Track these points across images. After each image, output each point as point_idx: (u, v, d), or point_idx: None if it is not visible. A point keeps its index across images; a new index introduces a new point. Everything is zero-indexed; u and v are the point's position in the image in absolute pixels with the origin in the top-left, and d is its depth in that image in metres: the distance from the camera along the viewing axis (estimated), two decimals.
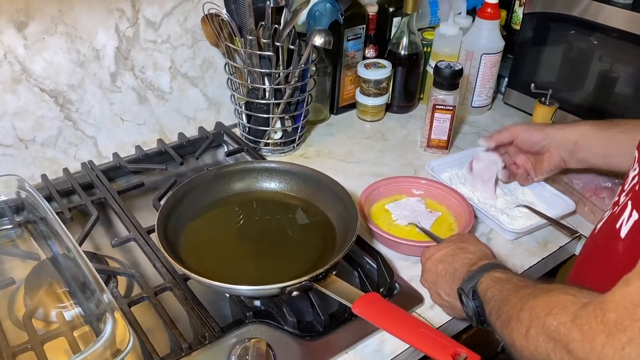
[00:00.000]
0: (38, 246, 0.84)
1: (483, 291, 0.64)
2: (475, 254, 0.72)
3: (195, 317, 0.73)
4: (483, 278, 0.66)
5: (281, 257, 0.82)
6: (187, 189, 0.86)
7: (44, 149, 1.00)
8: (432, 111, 1.11)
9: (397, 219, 0.92)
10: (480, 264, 0.69)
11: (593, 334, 0.47)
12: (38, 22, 0.90)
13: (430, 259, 0.75)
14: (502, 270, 0.67)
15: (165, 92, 1.10)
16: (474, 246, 0.73)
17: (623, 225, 0.62)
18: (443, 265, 0.73)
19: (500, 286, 0.62)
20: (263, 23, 0.99)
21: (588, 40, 1.16)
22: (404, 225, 0.91)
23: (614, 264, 0.62)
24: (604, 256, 0.66)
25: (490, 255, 0.73)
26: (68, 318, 0.74)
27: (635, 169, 0.65)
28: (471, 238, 0.77)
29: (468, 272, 0.68)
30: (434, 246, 0.78)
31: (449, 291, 0.72)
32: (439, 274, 0.73)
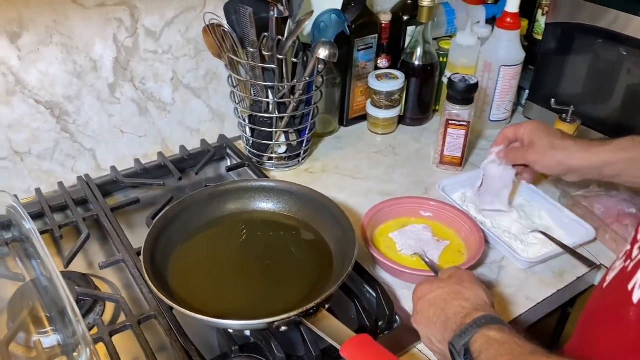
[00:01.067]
0: (23, 267, 0.81)
1: (476, 352, 0.57)
2: (470, 302, 0.65)
3: (179, 349, 0.69)
4: (477, 336, 0.59)
5: (274, 284, 0.77)
6: (179, 210, 0.82)
7: (40, 162, 0.98)
8: (445, 126, 1.05)
9: (402, 249, 0.86)
10: (474, 316, 0.61)
11: None
12: (32, 33, 0.87)
13: (421, 299, 0.68)
14: (498, 327, 0.59)
15: (167, 103, 1.06)
16: (469, 291, 0.66)
17: (636, 288, 0.56)
18: (435, 310, 0.66)
19: (495, 350, 0.55)
20: (266, 34, 0.95)
21: (615, 53, 1.08)
22: (409, 255, 0.85)
23: (625, 331, 0.56)
24: (613, 319, 0.60)
25: (487, 302, 0.65)
26: (46, 345, 0.71)
27: None
28: (468, 279, 0.69)
29: (461, 324, 0.61)
30: (427, 283, 0.70)
31: (440, 339, 0.65)
32: (430, 319, 0.66)
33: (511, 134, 0.90)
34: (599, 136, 1.12)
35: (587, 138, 0.94)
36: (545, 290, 0.84)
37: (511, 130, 0.90)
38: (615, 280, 0.63)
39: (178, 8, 0.99)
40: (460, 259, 0.85)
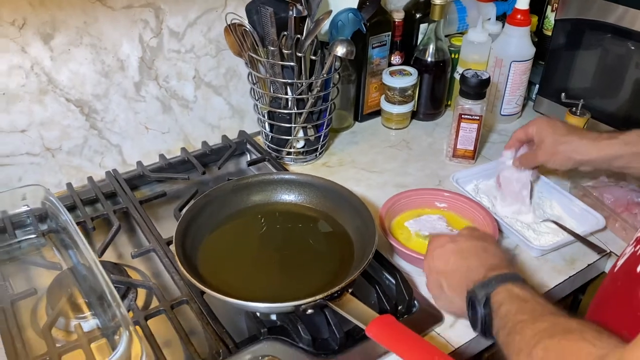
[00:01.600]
0: (60, 256, 0.85)
1: (497, 303, 0.60)
2: (497, 258, 0.68)
3: (210, 332, 0.73)
4: (500, 288, 0.62)
5: (298, 271, 0.81)
6: (206, 201, 0.86)
7: (70, 158, 1.02)
8: (458, 121, 1.08)
9: (420, 229, 0.90)
10: (500, 271, 0.64)
11: None
12: (64, 34, 0.92)
13: (443, 247, 0.72)
14: (522, 285, 0.62)
15: (190, 101, 1.10)
16: (495, 248, 0.69)
17: None
18: (456, 259, 0.69)
19: (517, 305, 0.59)
20: (285, 33, 0.98)
21: (624, 47, 1.11)
22: (425, 235, 0.89)
23: (633, 309, 0.58)
24: (623, 300, 0.62)
25: (512, 263, 0.70)
26: (86, 329, 0.75)
27: None
28: (492, 239, 0.73)
29: (485, 276, 0.64)
30: (447, 236, 0.74)
31: (455, 286, 0.68)
32: (449, 266, 0.69)
33: (522, 135, 0.94)
34: (608, 129, 1.15)
35: (595, 130, 0.97)
36: (557, 277, 0.87)
37: (521, 132, 0.94)
38: (625, 264, 0.65)
39: (200, 9, 1.03)
40: None
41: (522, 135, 0.94)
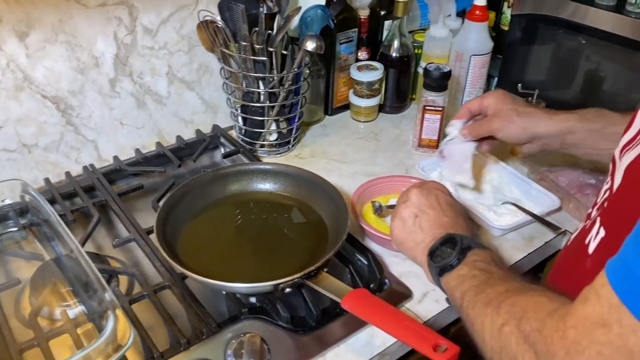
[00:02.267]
0: (42, 247, 0.87)
1: (474, 256, 0.67)
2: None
3: (193, 313, 0.77)
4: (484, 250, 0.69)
5: (275, 255, 0.85)
6: (185, 191, 0.89)
7: (46, 153, 1.04)
8: (422, 112, 1.14)
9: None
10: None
11: (555, 349, 0.48)
12: (39, 32, 0.93)
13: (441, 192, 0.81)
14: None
15: (163, 96, 1.13)
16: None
17: (591, 241, 0.61)
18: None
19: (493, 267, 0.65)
20: (257, 29, 1.02)
21: (575, 41, 1.19)
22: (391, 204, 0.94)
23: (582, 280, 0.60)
24: (574, 271, 0.66)
25: None
26: (72, 316, 0.78)
27: (607, 181, 0.63)
28: None
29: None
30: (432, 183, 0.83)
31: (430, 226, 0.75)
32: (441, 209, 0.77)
33: (475, 107, 0.92)
34: None
35: None
36: (516, 254, 0.93)
37: (475, 103, 0.92)
38: (576, 238, 0.70)
39: (173, 6, 1.06)
40: None
41: (475, 107, 0.92)
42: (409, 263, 0.90)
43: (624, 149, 0.59)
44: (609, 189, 0.62)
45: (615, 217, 0.59)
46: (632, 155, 0.56)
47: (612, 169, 0.62)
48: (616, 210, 0.59)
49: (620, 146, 0.60)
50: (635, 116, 0.60)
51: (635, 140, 0.57)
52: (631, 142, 0.58)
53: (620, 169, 0.58)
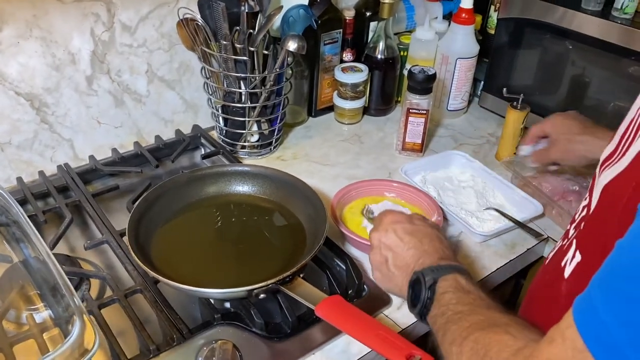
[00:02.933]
0: (10, 249, 0.84)
1: (442, 289, 0.64)
2: (449, 250, 0.72)
3: (164, 319, 0.75)
4: (448, 276, 0.66)
5: (251, 260, 0.83)
6: (160, 193, 0.87)
7: (20, 152, 1.01)
8: (406, 115, 1.12)
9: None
10: (451, 262, 0.68)
11: None
12: (12, 27, 0.91)
13: (400, 224, 0.74)
14: (467, 278, 0.66)
15: (142, 95, 1.11)
16: (447, 241, 0.74)
17: (567, 264, 0.60)
18: (411, 238, 0.72)
19: (459, 296, 0.62)
20: (238, 28, 1.00)
21: (561, 46, 1.18)
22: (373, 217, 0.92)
23: (557, 303, 0.60)
24: (550, 293, 0.64)
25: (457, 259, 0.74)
26: (38, 320, 0.75)
27: (586, 197, 0.61)
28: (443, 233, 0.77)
29: (436, 262, 0.68)
30: (403, 215, 0.77)
31: (401, 265, 0.71)
32: (403, 244, 0.72)
33: (538, 132, 0.99)
34: None
35: None
36: (499, 261, 0.92)
37: (537, 129, 0.99)
38: (553, 257, 0.67)
39: (152, 3, 1.03)
40: None
41: (538, 132, 0.99)
42: None
43: (603, 164, 0.57)
44: (586, 206, 0.60)
45: (590, 241, 0.57)
46: (610, 174, 0.54)
47: (592, 184, 0.60)
48: (591, 234, 0.57)
49: (601, 160, 0.59)
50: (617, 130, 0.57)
51: (613, 156, 0.55)
52: (610, 157, 0.56)
53: (598, 187, 0.56)
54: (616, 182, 0.52)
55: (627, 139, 0.53)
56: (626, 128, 0.54)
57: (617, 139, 0.55)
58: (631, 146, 0.51)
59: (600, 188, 0.55)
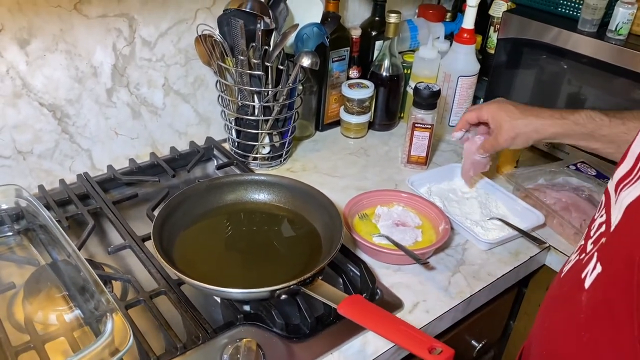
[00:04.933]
0: (37, 252, 0.87)
1: None
2: None
3: (189, 319, 0.78)
4: None
5: (270, 264, 0.87)
6: (181, 199, 0.90)
7: (40, 161, 1.04)
8: (411, 129, 1.17)
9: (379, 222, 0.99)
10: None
11: None
12: (40, 40, 0.95)
13: None
14: None
15: (159, 107, 1.15)
16: None
17: (588, 276, 0.61)
18: None
19: None
20: (254, 44, 1.05)
21: (558, 65, 1.23)
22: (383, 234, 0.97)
23: (578, 313, 0.61)
24: (569, 303, 0.65)
25: None
26: (68, 320, 0.78)
27: (602, 214, 0.63)
28: None
29: None
30: None
31: None
32: None
33: (473, 118, 0.99)
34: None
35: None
36: (503, 268, 0.96)
37: (473, 115, 0.99)
38: (570, 271, 0.69)
39: (171, 20, 1.08)
40: (432, 239, 0.97)
41: (473, 118, 0.99)
42: (400, 274, 0.92)
43: (620, 183, 0.60)
44: (604, 223, 0.61)
45: (613, 254, 0.59)
46: (633, 193, 0.55)
47: (607, 202, 0.62)
48: (614, 248, 0.59)
49: (615, 180, 0.61)
50: (629, 149, 0.60)
51: (632, 175, 0.57)
52: (627, 176, 0.58)
53: (620, 206, 0.58)
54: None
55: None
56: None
57: (632, 159, 0.59)
58: None
59: (622, 207, 0.57)
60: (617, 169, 0.62)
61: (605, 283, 0.58)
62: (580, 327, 0.61)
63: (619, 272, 0.50)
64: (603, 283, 0.59)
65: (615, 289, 0.55)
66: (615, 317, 0.55)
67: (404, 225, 0.99)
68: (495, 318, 1.10)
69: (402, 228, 0.98)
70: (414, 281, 0.92)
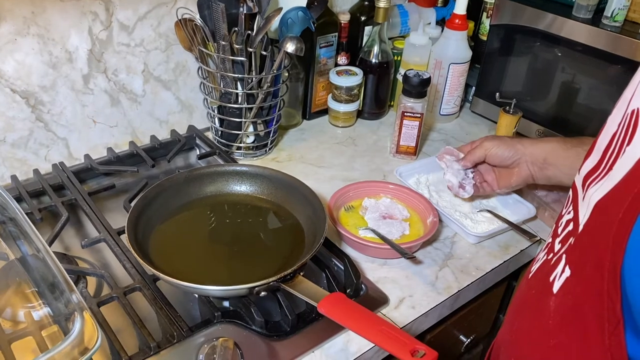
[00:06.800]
0: (7, 246, 0.83)
1: None
2: None
3: (164, 316, 0.75)
4: None
5: (250, 259, 0.84)
6: (158, 191, 0.87)
7: (14, 150, 1.00)
8: (401, 118, 1.14)
9: (367, 214, 0.96)
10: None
11: None
12: (10, 23, 0.90)
13: None
14: None
15: (138, 95, 1.11)
16: None
17: (556, 280, 0.58)
18: None
19: None
20: (236, 29, 1.01)
21: (552, 52, 1.20)
22: (370, 227, 0.93)
23: (545, 318, 0.59)
24: (536, 307, 0.63)
25: None
26: (36, 318, 0.74)
27: (570, 211, 0.60)
28: None
29: None
30: None
31: None
32: None
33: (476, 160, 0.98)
34: (538, 128, 1.24)
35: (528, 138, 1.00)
36: (492, 262, 0.93)
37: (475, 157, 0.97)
38: (538, 271, 0.66)
39: (151, 3, 1.03)
40: (419, 232, 0.94)
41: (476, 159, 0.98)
42: (386, 269, 0.89)
43: (587, 178, 0.57)
44: (571, 220, 0.59)
45: (581, 258, 0.55)
46: (601, 190, 0.52)
47: (574, 198, 0.60)
48: (583, 250, 0.56)
49: (582, 174, 0.58)
50: (595, 143, 0.57)
51: (599, 170, 0.54)
52: (594, 171, 0.55)
53: (587, 203, 0.55)
54: (609, 198, 0.51)
55: (612, 154, 0.53)
56: (609, 142, 0.54)
57: (598, 153, 0.55)
58: (617, 161, 0.51)
59: (590, 204, 0.54)
60: (584, 162, 0.59)
61: (574, 288, 0.55)
62: (548, 333, 0.58)
63: (589, 277, 0.47)
64: (572, 288, 0.55)
65: (584, 295, 0.52)
66: (585, 324, 0.52)
67: (391, 218, 0.96)
68: (485, 312, 1.08)
69: (390, 221, 0.95)
70: (401, 276, 0.89)
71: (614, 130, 0.53)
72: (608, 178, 0.52)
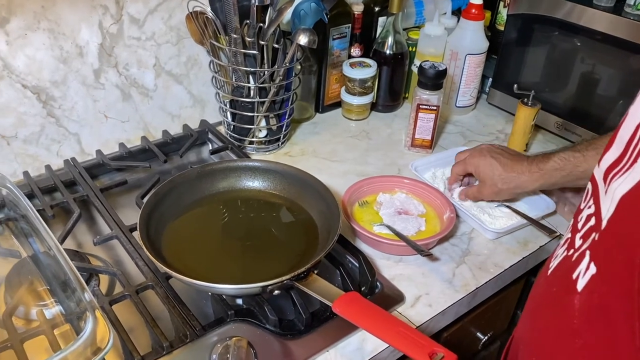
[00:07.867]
0: (19, 244, 0.83)
1: None
2: None
3: (177, 315, 0.74)
4: None
5: (263, 256, 0.82)
6: (170, 187, 0.86)
7: (26, 146, 1.00)
8: (416, 111, 1.11)
9: (381, 211, 0.95)
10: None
11: None
12: (20, 18, 0.89)
13: None
14: None
15: (150, 89, 1.09)
16: None
17: (580, 277, 0.56)
18: None
19: None
20: (248, 21, 0.99)
21: (571, 42, 1.17)
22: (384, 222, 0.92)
23: (569, 317, 0.57)
24: (559, 306, 0.61)
25: None
26: (49, 316, 0.74)
27: (590, 205, 0.57)
28: None
29: None
30: None
31: None
32: None
33: (461, 172, 0.98)
34: (557, 120, 1.21)
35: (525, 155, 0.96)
36: (511, 258, 0.91)
37: (460, 169, 0.98)
38: (559, 268, 0.64)
39: None
40: (436, 228, 0.92)
41: (461, 172, 0.98)
42: (402, 266, 0.88)
43: (609, 171, 0.54)
44: (593, 215, 0.56)
45: (608, 255, 0.53)
46: (626, 183, 0.50)
47: (594, 191, 0.57)
48: (609, 247, 0.53)
49: (602, 167, 0.55)
50: (616, 135, 0.55)
51: (622, 163, 0.52)
52: (617, 163, 0.53)
53: (611, 197, 0.52)
54: (636, 192, 0.49)
55: (637, 146, 0.50)
56: (633, 133, 0.51)
57: (620, 145, 0.53)
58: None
59: (614, 199, 0.52)
60: (604, 155, 0.56)
61: (601, 287, 0.52)
62: (573, 333, 0.57)
63: (617, 275, 0.45)
64: (598, 287, 0.53)
65: (612, 294, 0.50)
66: (613, 324, 0.50)
67: (407, 214, 0.94)
68: (502, 309, 1.06)
69: (405, 217, 0.93)
70: (417, 273, 0.87)
71: (638, 121, 0.51)
72: (633, 170, 0.49)
